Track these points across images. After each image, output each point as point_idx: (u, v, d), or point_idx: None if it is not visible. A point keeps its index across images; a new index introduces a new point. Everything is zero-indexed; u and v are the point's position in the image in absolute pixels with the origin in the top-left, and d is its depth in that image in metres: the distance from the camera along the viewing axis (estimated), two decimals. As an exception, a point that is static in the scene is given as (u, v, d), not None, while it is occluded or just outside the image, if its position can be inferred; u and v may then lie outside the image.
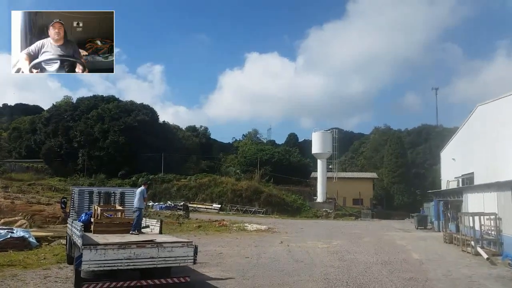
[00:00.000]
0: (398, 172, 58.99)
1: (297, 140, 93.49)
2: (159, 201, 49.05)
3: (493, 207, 15.80)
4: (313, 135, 51.61)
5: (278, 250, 16.10)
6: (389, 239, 22.17)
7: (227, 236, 21.59)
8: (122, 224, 11.56)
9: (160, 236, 10.75)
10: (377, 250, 16.81)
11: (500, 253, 14.64)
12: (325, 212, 46.57)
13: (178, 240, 9.51)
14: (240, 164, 63.88)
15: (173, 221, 29.39)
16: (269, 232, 24.94)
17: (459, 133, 31.97)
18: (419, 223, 30.92)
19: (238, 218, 36.63)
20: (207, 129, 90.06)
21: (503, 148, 21.76)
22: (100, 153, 59.64)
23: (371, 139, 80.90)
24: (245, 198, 47.29)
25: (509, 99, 21.87)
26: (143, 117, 60.44)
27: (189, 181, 51.46)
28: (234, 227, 27.30)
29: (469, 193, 20.14)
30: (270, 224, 31.91)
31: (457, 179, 30.85)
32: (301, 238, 21.37)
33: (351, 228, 31.21)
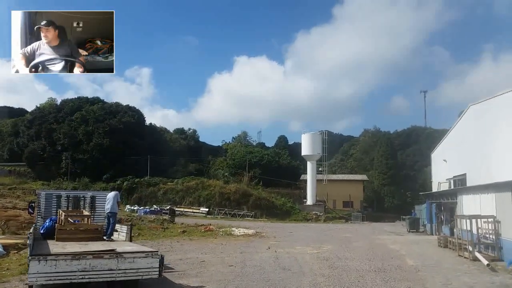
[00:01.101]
0: (389, 174, 58.51)
1: (287, 143, 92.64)
2: (145, 205, 47.71)
3: (491, 209, 14.98)
4: (303, 137, 50.81)
5: (264, 257, 15.04)
6: (381, 243, 21.28)
7: (212, 242, 20.45)
8: (89, 230, 10.46)
9: (127, 245, 9.64)
10: (369, 256, 15.87)
11: (500, 258, 13.82)
12: (315, 215, 45.67)
13: (142, 249, 8.43)
14: (228, 167, 62.68)
15: (157, 226, 28.14)
16: (256, 236, 23.87)
17: (450, 134, 31.44)
18: (411, 226, 30.14)
19: (225, 222, 35.51)
20: (195, 131, 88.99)
21: (497, 148, 21.12)
22: (84, 156, 58.00)
23: (361, 141, 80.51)
24: (233, 201, 46.12)
25: (503, 98, 21.25)
26: (129, 119, 58.97)
27: (176, 185, 50.10)
28: (220, 231, 26.15)
29: (464, 194, 19.35)
30: (258, 228, 30.83)
31: (448, 181, 30.30)
32: (289, 243, 20.34)
33: (341, 231, 30.31)
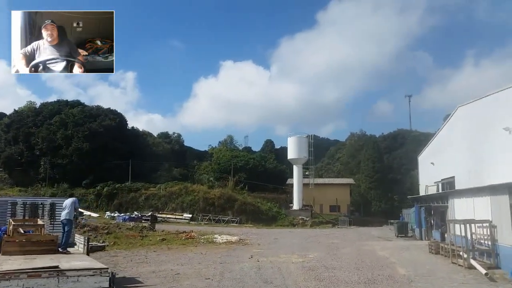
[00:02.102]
0: (375, 178, 57.94)
1: (274, 147, 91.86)
2: (125, 212, 46.00)
3: (486, 213, 14.13)
4: (289, 140, 49.89)
5: (246, 268, 13.89)
6: (369, 250, 20.32)
7: (191, 251, 19.19)
8: (41, 242, 9.15)
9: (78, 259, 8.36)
10: (358, 265, 14.86)
11: (496, 266, 12.95)
12: (302, 220, 44.65)
13: (90, 266, 7.18)
14: (213, 171, 61.34)
15: (135, 233, 26.69)
16: (239, 244, 22.68)
17: (438, 136, 30.91)
18: (399, 231, 29.31)
19: (209, 229, 34.22)
20: (180, 135, 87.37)
21: (487, 150, 20.42)
22: (63, 161, 55.91)
23: (347, 145, 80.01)
24: (218, 206, 44.76)
25: (492, 98, 20.60)
26: (110, 123, 57.12)
27: (159, 190, 48.48)
28: (202, 239, 24.88)
29: (456, 198, 18.52)
30: (242, 234, 29.65)
31: (436, 184, 29.70)
32: (274, 251, 19.22)
33: (328, 237, 29.33)
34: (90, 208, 49.52)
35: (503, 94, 19.82)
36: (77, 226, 27.57)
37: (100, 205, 50.13)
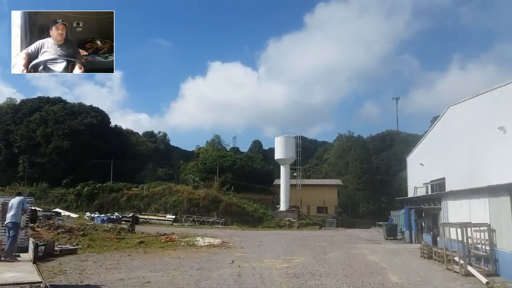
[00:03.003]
0: (363, 179, 57.26)
1: (261, 147, 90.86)
2: (106, 213, 44.36)
3: (483, 216, 13.20)
4: (276, 140, 48.85)
5: (225, 275, 12.70)
6: (358, 254, 19.30)
7: (169, 255, 17.89)
8: (-20, 250, 7.82)
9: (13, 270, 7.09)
10: (346, 271, 13.79)
11: (495, 273, 12.01)
12: (288, 222, 43.62)
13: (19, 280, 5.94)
14: (199, 172, 59.92)
15: (112, 236, 25.25)
16: (222, 247, 21.45)
17: (427, 137, 30.26)
18: (388, 233, 28.42)
19: (192, 231, 32.90)
20: (166, 135, 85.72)
21: (480, 150, 19.62)
22: (43, 160, 53.93)
23: (335, 146, 79.30)
24: (202, 207, 43.38)
25: (485, 97, 19.78)
26: (91, 120, 55.26)
27: (141, 190, 46.88)
28: (183, 242, 23.57)
29: (449, 199, 17.59)
30: (226, 236, 28.44)
31: (426, 185, 29.03)
32: (257, 255, 18.05)
33: (315, 239, 28.30)
34: (70, 209, 47.90)
35: (497, 93, 18.99)
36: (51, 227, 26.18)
37: (80, 206, 48.48)
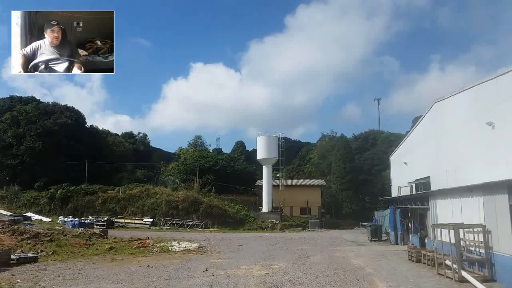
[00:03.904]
0: (347, 179, 56.56)
1: (245, 148, 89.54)
2: (81, 216, 42.39)
3: (476, 216, 12.24)
4: (258, 140, 47.59)
5: (195, 285, 11.38)
6: (342, 257, 18.23)
7: (138, 263, 16.44)
8: None
9: None
10: (330, 278, 12.64)
11: (491, 278, 11.03)
12: (271, 224, 42.50)
13: None
14: (179, 173, 58.21)
15: (81, 241, 23.58)
16: (198, 252, 20.08)
17: (411, 135, 29.56)
18: (372, 234, 27.51)
19: (169, 235, 31.39)
20: (146, 136, 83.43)
21: (467, 147, 18.77)
22: (14, 162, 51.36)
23: (318, 146, 78.62)
24: (181, 210, 41.78)
25: (472, 92, 18.93)
26: (66, 120, 52.92)
27: (117, 193, 44.95)
28: (157, 247, 22.10)
29: (438, 198, 16.65)
30: (204, 240, 27.08)
31: (410, 184, 28.29)
32: (235, 261, 16.78)
33: (297, 242, 27.20)
34: (42, 213, 45.76)
35: (485, 87, 18.14)
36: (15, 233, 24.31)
37: (54, 209, 46.32)
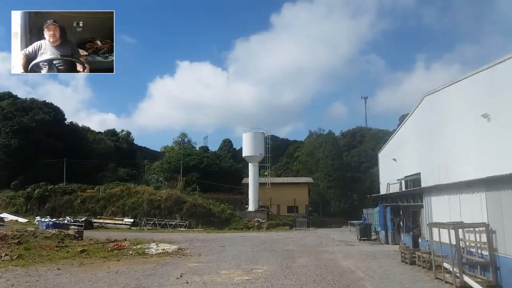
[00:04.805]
0: (335, 176, 55.61)
1: (232, 146, 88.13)
2: (59, 216, 40.45)
3: (477, 214, 11.13)
4: (244, 136, 46.23)
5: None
6: (330, 259, 17.04)
7: (108, 267, 14.96)
8: None
9: None
10: (317, 284, 11.40)
11: (497, 283, 9.92)
12: (257, 223, 41.20)
13: None
14: (163, 171, 56.56)
15: (52, 244, 21.94)
16: (175, 255, 18.63)
17: (400, 130, 28.55)
18: (362, 233, 26.42)
19: (150, 235, 29.84)
20: (129, 133, 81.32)
21: (460, 141, 17.73)
22: (-11, 160, 49.16)
23: (306, 143, 77.65)
24: (164, 209, 40.17)
25: (464, 83, 17.86)
26: (43, 116, 50.82)
27: (97, 192, 43.11)
28: (133, 249, 20.59)
29: (434, 195, 15.55)
30: (186, 241, 25.67)
31: (399, 181, 27.30)
32: (215, 265, 15.44)
33: (284, 242, 25.99)
34: (19, 213, 43.66)
35: (480, 77, 17.07)
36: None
37: (31, 210, 44.22)
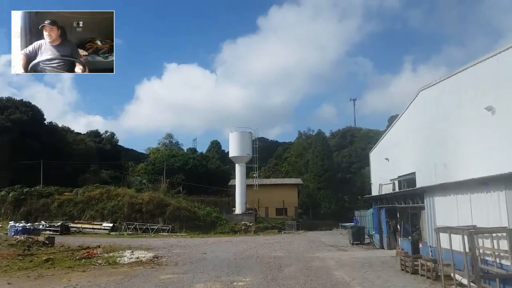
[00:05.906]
0: (325, 176, 54.08)
1: (220, 148, 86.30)
2: (35, 221, 38.12)
3: (495, 216, 9.53)
4: (230, 136, 44.49)
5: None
6: (321, 268, 15.35)
7: (68, 281, 13.02)
8: None
9: None
10: (307, 300, 9.72)
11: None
12: (244, 226, 39.42)
13: None
14: (147, 173, 54.45)
15: (16, 252, 19.88)
16: (149, 265, 16.73)
17: (393, 128, 27.29)
18: (354, 237, 24.81)
19: (128, 241, 27.82)
20: (113, 135, 78.78)
21: (460, 137, 16.30)
22: (-39, 162, 46.51)
23: (295, 143, 76.18)
24: (146, 213, 38.07)
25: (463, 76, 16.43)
26: (21, 116, 48.39)
27: (75, 195, 40.86)
28: (103, 258, 18.64)
29: (437, 195, 13.93)
30: (165, 248, 23.79)
31: (392, 182, 26.01)
32: (191, 276, 13.63)
33: (271, 247, 24.27)
34: (-9, 217, 41.24)
35: (480, 68, 15.59)
36: None
37: (5, 214, 41.74)
